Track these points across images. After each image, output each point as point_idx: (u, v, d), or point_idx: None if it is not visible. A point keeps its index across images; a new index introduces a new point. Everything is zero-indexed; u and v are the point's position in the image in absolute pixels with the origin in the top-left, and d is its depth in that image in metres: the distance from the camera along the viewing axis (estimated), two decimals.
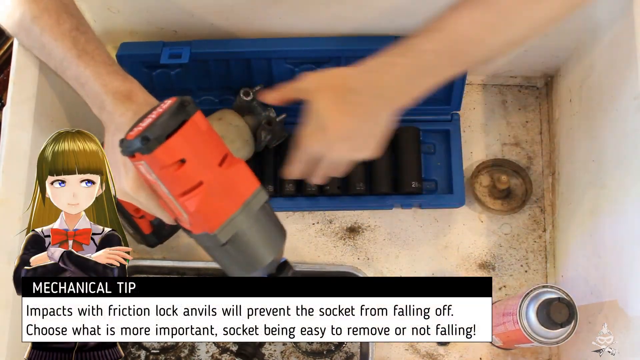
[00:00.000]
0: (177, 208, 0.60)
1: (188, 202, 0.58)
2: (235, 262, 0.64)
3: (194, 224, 0.60)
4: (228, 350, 0.94)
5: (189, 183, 0.58)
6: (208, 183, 0.58)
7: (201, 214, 0.59)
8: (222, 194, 0.60)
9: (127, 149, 0.57)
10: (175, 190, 0.59)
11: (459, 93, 0.97)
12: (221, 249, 0.62)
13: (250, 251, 0.64)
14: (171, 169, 0.57)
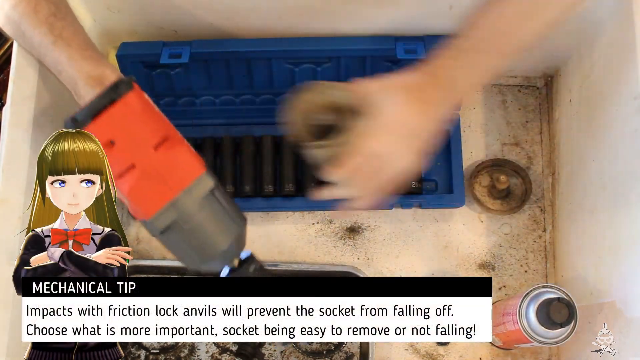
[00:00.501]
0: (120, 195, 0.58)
1: (121, 185, 0.57)
2: (182, 251, 0.62)
3: (133, 209, 0.59)
4: (228, 350, 0.94)
5: (121, 165, 0.57)
6: (141, 166, 0.57)
7: (134, 198, 0.57)
8: (158, 179, 0.57)
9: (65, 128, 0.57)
10: (113, 172, 0.58)
11: None
12: (161, 236, 0.60)
13: (196, 240, 0.61)
14: (105, 148, 0.57)
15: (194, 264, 0.63)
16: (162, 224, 0.58)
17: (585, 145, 0.90)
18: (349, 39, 0.91)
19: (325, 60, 0.93)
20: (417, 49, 0.91)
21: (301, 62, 0.93)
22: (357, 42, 0.92)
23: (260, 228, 0.99)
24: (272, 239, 0.99)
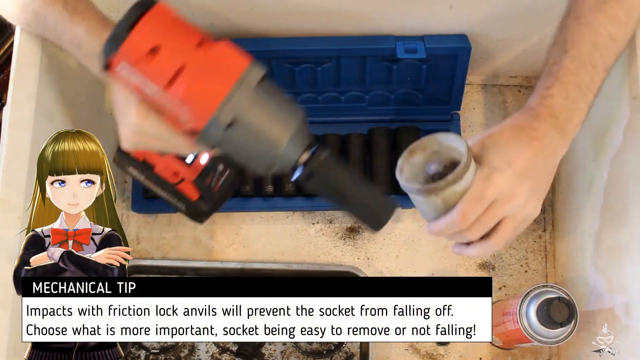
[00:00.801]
0: (170, 105, 0.56)
1: (176, 90, 0.55)
2: (247, 151, 0.58)
3: (196, 115, 0.56)
4: (228, 351, 0.94)
5: (170, 70, 0.55)
6: (190, 66, 0.55)
7: (194, 98, 0.55)
8: (210, 75, 0.56)
9: (103, 59, 0.55)
10: (161, 82, 0.55)
11: (459, 93, 0.97)
12: (229, 137, 0.57)
13: (259, 133, 0.57)
14: (147, 60, 0.55)
15: (262, 163, 0.59)
16: (225, 120, 0.56)
17: (585, 146, 0.90)
18: (349, 38, 0.91)
19: (325, 60, 0.93)
20: (417, 48, 0.91)
21: (301, 61, 0.93)
22: (357, 42, 0.91)
23: (261, 228, 0.99)
24: (273, 239, 0.99)
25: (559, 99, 0.69)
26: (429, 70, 0.95)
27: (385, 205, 0.64)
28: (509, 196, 0.66)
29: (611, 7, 0.70)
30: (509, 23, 0.90)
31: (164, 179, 0.77)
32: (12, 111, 0.75)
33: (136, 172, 0.75)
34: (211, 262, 0.96)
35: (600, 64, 0.70)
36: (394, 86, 0.98)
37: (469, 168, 0.65)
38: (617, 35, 0.70)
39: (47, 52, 0.78)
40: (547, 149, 0.68)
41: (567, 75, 0.69)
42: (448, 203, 0.67)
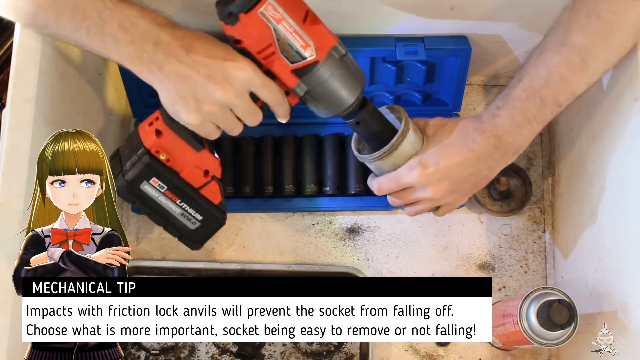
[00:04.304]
0: (304, 38, 0.67)
1: (312, 24, 0.68)
2: (340, 88, 0.71)
3: (321, 45, 0.68)
4: (228, 351, 0.94)
5: (303, 9, 0.67)
6: (310, 10, 0.68)
7: (323, 30, 0.69)
8: (319, 19, 0.69)
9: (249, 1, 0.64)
10: (298, 18, 0.67)
11: (459, 93, 0.97)
12: (341, 67, 0.70)
13: (351, 71, 0.71)
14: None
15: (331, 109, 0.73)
16: (342, 47, 0.70)
17: (586, 147, 0.90)
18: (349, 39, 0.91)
19: None
20: (418, 50, 0.91)
21: None
22: (357, 43, 0.91)
23: (261, 228, 1.00)
24: (273, 240, 0.99)
25: (505, 121, 0.74)
26: (428, 72, 0.95)
27: None
28: (425, 188, 0.77)
29: (568, 51, 0.72)
30: (509, 24, 0.90)
31: (190, 185, 0.79)
32: (11, 113, 0.75)
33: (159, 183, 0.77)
34: (211, 263, 0.96)
35: (550, 99, 0.73)
36: (393, 87, 0.98)
37: (397, 149, 0.76)
38: (570, 79, 0.73)
39: (47, 53, 0.78)
40: (480, 162, 0.75)
41: (517, 102, 0.74)
42: (380, 170, 0.79)
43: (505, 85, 1.05)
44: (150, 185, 0.76)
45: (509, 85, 0.76)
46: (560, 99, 0.73)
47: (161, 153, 0.75)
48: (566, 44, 0.72)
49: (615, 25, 0.71)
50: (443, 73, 0.96)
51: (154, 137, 0.74)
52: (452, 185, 0.76)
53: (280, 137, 0.99)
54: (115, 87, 0.97)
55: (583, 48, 0.72)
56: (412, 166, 0.76)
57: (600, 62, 0.73)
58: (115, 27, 0.67)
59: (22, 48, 0.77)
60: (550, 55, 0.73)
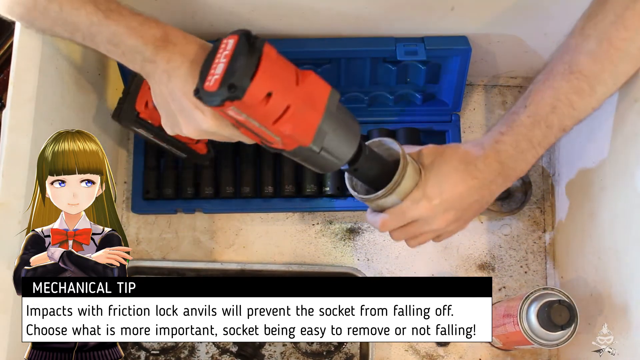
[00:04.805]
0: (268, 135, 0.63)
1: (282, 127, 0.61)
2: (326, 162, 0.67)
3: (287, 143, 0.63)
4: (228, 351, 0.94)
5: (278, 111, 0.61)
6: (294, 104, 0.61)
7: (294, 133, 0.62)
8: (306, 109, 0.62)
9: (215, 100, 0.59)
10: (267, 121, 0.61)
11: (459, 94, 0.97)
12: (317, 156, 0.65)
13: (337, 149, 0.66)
14: (260, 105, 0.59)
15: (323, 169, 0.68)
16: (318, 145, 0.64)
17: (585, 147, 0.90)
18: (349, 39, 0.91)
19: (325, 61, 0.93)
20: (418, 50, 0.91)
21: (301, 63, 0.93)
22: (357, 43, 0.91)
23: (261, 229, 0.99)
24: (273, 240, 0.99)
25: (508, 147, 0.73)
26: (429, 72, 0.95)
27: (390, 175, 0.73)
28: (431, 221, 0.74)
29: (577, 78, 0.72)
30: (509, 24, 0.90)
31: (176, 139, 0.86)
32: (11, 113, 0.75)
33: (145, 132, 0.85)
34: (211, 263, 0.96)
35: (556, 125, 0.73)
36: (394, 87, 0.98)
37: (399, 185, 0.71)
38: (578, 105, 0.72)
39: (47, 54, 0.78)
40: (483, 189, 0.74)
41: (521, 127, 0.73)
42: (381, 208, 0.75)
43: (506, 86, 1.06)
44: (140, 130, 0.85)
45: (512, 110, 0.75)
46: (565, 124, 0.73)
47: (148, 119, 0.83)
48: (575, 71, 0.72)
49: (626, 52, 0.71)
50: (443, 73, 0.96)
51: (143, 107, 0.82)
52: (457, 214, 0.74)
53: None
54: (115, 87, 0.97)
55: (592, 74, 0.71)
56: (416, 199, 0.72)
57: (608, 87, 0.72)
58: (105, 41, 0.67)
59: (22, 48, 0.77)
60: (559, 82, 0.72)
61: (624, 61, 0.71)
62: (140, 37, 0.66)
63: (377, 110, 1.00)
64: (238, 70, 0.58)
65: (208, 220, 1.00)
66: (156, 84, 0.67)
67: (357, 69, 0.95)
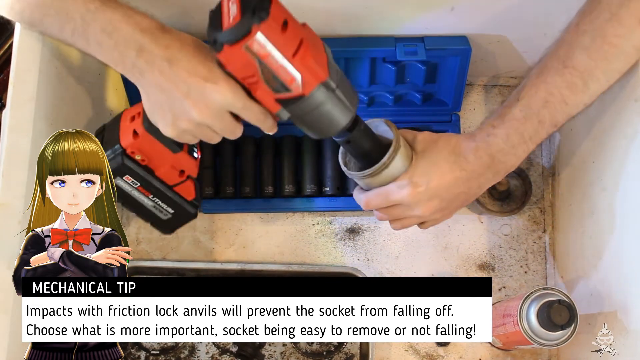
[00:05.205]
0: (290, 73, 0.62)
1: (303, 58, 0.62)
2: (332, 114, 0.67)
3: (308, 81, 0.64)
4: (228, 351, 0.94)
5: (295, 41, 0.62)
6: (306, 39, 0.63)
7: (314, 64, 0.63)
8: (315, 47, 0.65)
9: (240, 30, 0.59)
10: (288, 52, 0.61)
11: (459, 94, 0.97)
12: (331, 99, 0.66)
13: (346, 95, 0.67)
14: (281, 32, 0.61)
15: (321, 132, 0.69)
16: (334, 80, 0.65)
17: (586, 147, 0.90)
18: (349, 39, 0.91)
19: None
20: (418, 50, 0.91)
21: None
22: (357, 43, 0.91)
23: (261, 229, 1.00)
24: (273, 240, 0.99)
25: (499, 141, 0.74)
26: (429, 72, 0.95)
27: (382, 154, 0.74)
28: (414, 206, 0.75)
29: (570, 73, 0.72)
30: (509, 25, 0.90)
31: (164, 183, 0.81)
32: (11, 113, 0.75)
33: (132, 180, 0.79)
34: (211, 263, 0.96)
35: (547, 120, 0.73)
36: (393, 87, 0.98)
37: (387, 167, 0.73)
38: (571, 100, 0.73)
39: (47, 54, 0.78)
40: (470, 181, 0.75)
41: (513, 121, 0.74)
42: (368, 187, 0.77)
43: (506, 86, 1.06)
44: (123, 181, 0.79)
45: (505, 104, 0.76)
46: (557, 120, 0.73)
47: (137, 154, 0.77)
48: (569, 66, 0.72)
49: (620, 49, 0.71)
50: (443, 73, 0.96)
51: (131, 138, 0.76)
52: (441, 203, 0.75)
53: (280, 137, 0.99)
54: (115, 87, 0.97)
55: (585, 70, 0.72)
56: (402, 185, 0.74)
57: (600, 84, 0.73)
58: (99, 31, 0.66)
59: (22, 48, 0.77)
60: (552, 77, 0.73)
61: (617, 58, 0.72)
62: (137, 24, 0.66)
63: (377, 110, 1.00)
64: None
65: (208, 220, 1.00)
66: (151, 75, 0.66)
67: (357, 69, 0.95)
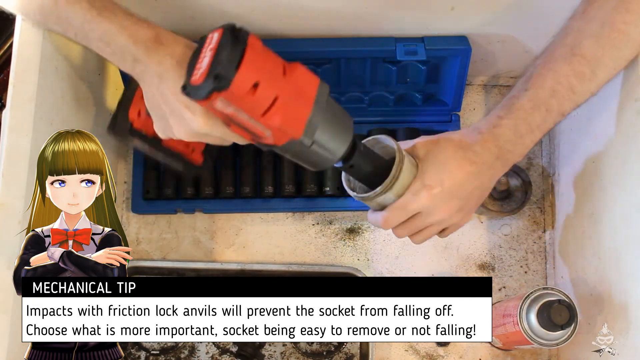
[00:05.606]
0: (258, 129, 0.61)
1: (271, 119, 0.60)
2: (319, 157, 0.65)
3: (278, 136, 0.62)
4: (228, 351, 0.94)
5: (266, 102, 0.60)
6: (282, 95, 0.60)
7: (284, 125, 0.60)
8: (295, 100, 0.61)
9: (201, 92, 0.58)
10: (256, 113, 0.60)
11: (459, 94, 0.97)
12: (308, 150, 0.63)
13: (330, 142, 0.64)
14: (248, 95, 0.58)
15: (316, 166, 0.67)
16: (310, 139, 0.62)
17: (586, 147, 0.90)
18: (349, 39, 0.91)
19: (325, 61, 0.93)
20: (418, 50, 0.91)
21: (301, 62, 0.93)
22: (357, 43, 0.92)
23: (261, 229, 1.00)
24: (273, 240, 0.99)
25: (507, 131, 0.72)
26: (429, 72, 0.95)
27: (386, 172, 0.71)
28: (433, 211, 0.72)
29: (579, 61, 0.71)
30: (509, 24, 0.90)
31: (172, 150, 0.83)
32: (11, 113, 0.75)
33: (140, 144, 0.82)
34: (211, 263, 0.96)
35: (555, 109, 0.72)
36: (393, 87, 0.98)
37: (398, 179, 0.70)
38: (578, 89, 0.72)
39: (47, 54, 0.78)
40: (482, 174, 0.73)
41: (521, 111, 0.72)
42: (381, 205, 0.73)
43: (506, 86, 1.06)
44: (134, 141, 0.83)
45: (510, 95, 0.74)
46: (564, 109, 0.72)
47: (141, 129, 0.80)
48: (577, 54, 0.71)
49: (628, 36, 0.70)
50: (443, 73, 0.96)
51: (136, 115, 0.79)
52: (459, 202, 0.73)
53: None
54: (115, 87, 0.97)
55: (593, 58, 0.71)
56: (416, 191, 0.71)
57: (608, 71, 0.72)
58: (97, 39, 0.68)
59: (22, 48, 0.77)
60: (560, 65, 0.72)
61: (626, 45, 0.71)
62: (131, 36, 0.66)
63: (377, 110, 1.00)
64: (223, 61, 0.57)
65: (208, 220, 1.00)
66: (147, 86, 0.67)
67: (357, 69, 0.95)
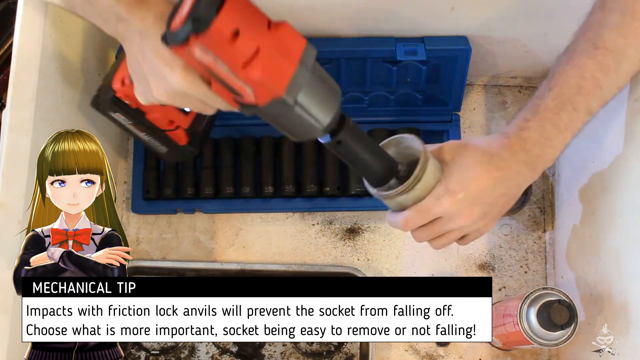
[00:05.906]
0: (238, 84, 0.58)
1: (251, 71, 0.57)
2: (302, 123, 0.62)
3: (260, 94, 0.58)
4: (228, 351, 0.94)
5: (247, 52, 0.57)
6: (264, 48, 0.57)
7: (265, 79, 0.57)
8: (279, 56, 0.58)
9: (178, 37, 0.55)
10: (236, 64, 0.57)
11: (459, 94, 0.97)
12: (292, 112, 0.60)
13: (314, 107, 0.61)
14: (227, 43, 0.56)
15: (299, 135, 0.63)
16: (293, 97, 0.59)
17: (586, 146, 0.90)
18: (349, 40, 0.91)
19: (325, 61, 0.93)
20: (418, 50, 0.91)
21: None
22: (357, 44, 0.92)
23: (261, 229, 1.00)
24: (273, 240, 0.99)
25: (534, 133, 0.70)
26: (429, 72, 0.95)
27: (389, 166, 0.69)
28: (455, 217, 0.70)
29: (602, 54, 0.69)
30: (509, 24, 0.90)
31: (155, 126, 0.80)
32: (11, 114, 0.75)
33: (123, 117, 0.78)
34: (211, 263, 0.96)
35: (582, 106, 0.70)
36: (394, 87, 0.98)
37: (421, 180, 0.68)
38: (604, 83, 0.69)
39: (47, 54, 0.78)
40: (509, 181, 0.70)
41: (547, 112, 0.70)
42: (402, 206, 0.71)
43: (506, 86, 1.06)
44: (117, 115, 0.78)
45: (536, 96, 0.72)
46: (592, 106, 0.70)
47: (125, 99, 0.77)
48: (600, 47, 0.69)
49: None
50: (443, 73, 0.96)
51: (120, 85, 0.75)
52: (483, 209, 0.70)
53: (281, 137, 0.99)
54: None
55: (617, 49, 0.69)
56: (439, 195, 0.69)
57: (633, 62, 0.70)
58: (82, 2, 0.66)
59: (22, 48, 0.77)
60: (583, 60, 0.70)
61: None
62: None
63: (377, 110, 1.00)
64: (203, 3, 0.55)
65: (208, 220, 1.00)
66: (129, 45, 0.65)
67: (357, 69, 0.95)
